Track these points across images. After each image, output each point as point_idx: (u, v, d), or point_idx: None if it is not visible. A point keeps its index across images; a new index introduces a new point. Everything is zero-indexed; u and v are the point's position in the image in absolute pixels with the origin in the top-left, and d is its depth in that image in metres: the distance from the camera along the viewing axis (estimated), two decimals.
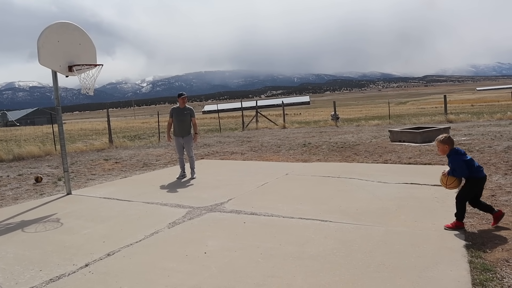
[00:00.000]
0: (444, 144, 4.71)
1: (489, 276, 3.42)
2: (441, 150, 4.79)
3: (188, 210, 6.07)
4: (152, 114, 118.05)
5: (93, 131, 32.35)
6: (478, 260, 3.73)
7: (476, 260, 3.73)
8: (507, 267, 3.57)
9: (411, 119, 23.67)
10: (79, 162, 12.42)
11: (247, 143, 15.81)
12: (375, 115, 36.79)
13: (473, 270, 3.55)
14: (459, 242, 4.23)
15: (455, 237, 4.38)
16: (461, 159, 4.62)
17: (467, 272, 3.52)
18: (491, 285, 3.28)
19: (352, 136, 15.89)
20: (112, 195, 7.45)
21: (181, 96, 8.85)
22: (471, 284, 3.30)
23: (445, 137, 4.73)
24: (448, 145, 4.70)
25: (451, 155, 4.71)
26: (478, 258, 3.78)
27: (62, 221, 5.85)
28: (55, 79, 7.48)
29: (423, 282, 3.39)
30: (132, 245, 4.70)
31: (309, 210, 5.70)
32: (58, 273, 3.98)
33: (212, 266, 3.97)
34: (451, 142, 4.73)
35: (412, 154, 10.43)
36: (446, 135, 4.78)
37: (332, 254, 4.10)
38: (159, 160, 12.09)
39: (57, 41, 7.19)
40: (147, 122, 55.54)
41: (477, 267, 3.58)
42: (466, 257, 3.82)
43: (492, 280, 3.35)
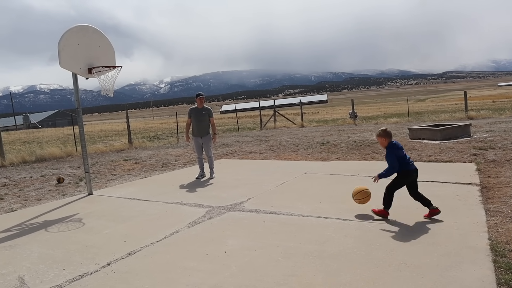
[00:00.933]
0: (381, 137, 5.06)
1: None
2: (380, 143, 5.14)
3: (207, 210, 6.11)
4: (170, 115, 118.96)
5: (113, 132, 32.77)
6: (502, 259, 3.65)
7: (500, 259, 3.65)
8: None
9: (430, 117, 23.34)
10: (100, 162, 12.60)
11: (265, 142, 15.81)
12: (394, 113, 36.39)
13: (498, 269, 3.48)
14: (482, 240, 4.15)
15: (478, 236, 4.30)
16: (394, 154, 4.95)
17: (491, 271, 3.45)
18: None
19: (370, 134, 15.74)
20: (132, 195, 7.54)
21: (199, 96, 8.89)
22: (496, 284, 3.24)
23: (381, 131, 5.07)
24: (384, 138, 5.03)
25: (388, 148, 5.03)
26: (502, 257, 3.71)
27: (84, 221, 5.95)
28: (75, 82, 7.61)
29: (446, 281, 3.34)
30: (153, 244, 4.75)
31: (329, 209, 5.67)
32: (81, 272, 4.05)
33: (233, 265, 3.98)
34: (387, 135, 5.04)
35: (432, 151, 10.28)
36: (384, 129, 5.10)
37: (352, 253, 4.07)
38: (178, 160, 12.18)
39: (77, 44, 7.30)
40: (166, 122, 56.02)
41: (501, 267, 3.51)
42: (490, 256, 3.75)
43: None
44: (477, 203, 5.49)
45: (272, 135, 18.78)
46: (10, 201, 7.78)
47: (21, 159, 13.51)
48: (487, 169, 7.69)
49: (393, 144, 5.05)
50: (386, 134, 5.05)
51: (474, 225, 4.63)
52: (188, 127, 9.12)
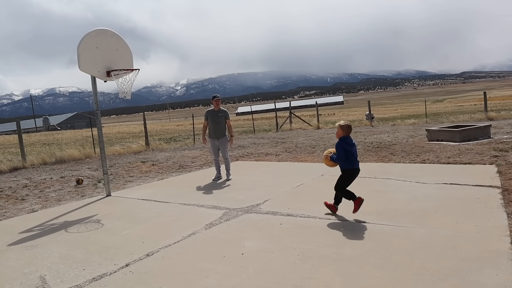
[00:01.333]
0: (341, 129, 5.36)
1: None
2: (337, 133, 5.46)
3: (224, 211, 6.13)
4: (186, 117, 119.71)
5: (130, 134, 33.11)
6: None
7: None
8: None
9: (449, 118, 23.02)
10: (117, 164, 12.74)
11: (281, 144, 15.79)
12: (411, 114, 35.99)
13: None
14: (504, 244, 4.07)
15: (500, 239, 4.22)
16: (343, 147, 5.27)
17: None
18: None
19: (387, 136, 15.60)
20: (149, 196, 7.61)
21: (215, 98, 8.92)
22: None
23: (344, 124, 5.37)
24: (342, 131, 5.35)
25: (339, 140, 5.37)
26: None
27: (103, 222, 6.02)
28: (94, 84, 7.71)
29: (467, 286, 3.29)
30: (171, 246, 4.78)
31: (346, 212, 5.62)
32: (100, 273, 4.10)
33: (250, 267, 3.98)
34: (346, 130, 5.34)
35: (451, 153, 10.13)
36: (347, 123, 5.39)
37: (370, 256, 4.04)
38: (195, 162, 12.25)
39: (96, 48, 7.41)
40: (182, 124, 56.39)
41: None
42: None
43: None
44: (498, 206, 5.39)
45: (288, 137, 18.75)
46: (31, 202, 7.92)
47: (41, 160, 13.74)
48: (508, 171, 7.55)
49: (345, 138, 5.35)
50: (345, 128, 5.35)
51: (495, 229, 4.55)
52: (205, 129, 9.14)
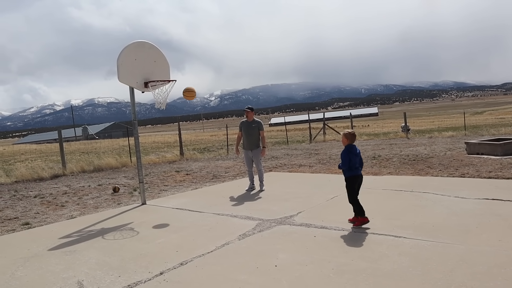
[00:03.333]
0: (345, 137, 5.62)
1: None
2: (342, 141, 5.73)
3: (258, 222, 6.11)
4: (220, 127, 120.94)
5: (165, 144, 33.69)
6: None
7: None
8: None
9: (489, 130, 22.28)
10: (152, 173, 12.97)
11: (315, 155, 15.68)
12: (449, 126, 35.05)
13: None
14: None
15: None
16: (348, 155, 5.50)
17: None
18: None
19: (424, 149, 15.23)
20: (184, 206, 7.69)
21: (247, 110, 8.97)
22: None
23: (348, 132, 5.62)
24: (347, 139, 5.60)
25: (345, 148, 5.61)
26: None
27: (138, 230, 6.13)
28: (132, 95, 7.91)
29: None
30: (204, 255, 4.80)
31: (382, 225, 5.51)
32: (135, 280, 4.16)
33: (283, 279, 3.94)
34: (350, 139, 5.59)
35: (493, 167, 9.78)
36: (351, 132, 5.65)
37: (407, 272, 3.92)
38: (228, 172, 12.32)
39: (134, 59, 7.61)
40: (216, 134, 56.93)
41: None
42: None
43: None
44: None
45: (322, 148, 18.60)
46: (70, 208, 8.16)
47: (80, 168, 14.17)
48: None
49: (351, 147, 5.58)
50: (350, 136, 5.60)
51: None
52: (239, 140, 9.17)
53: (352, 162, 5.53)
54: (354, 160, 5.55)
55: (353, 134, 5.66)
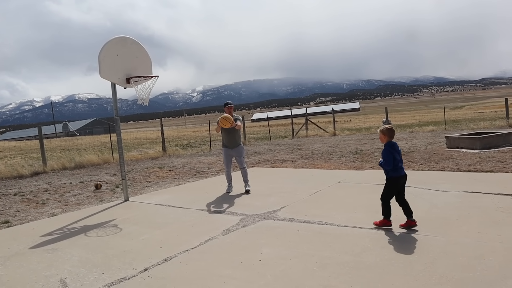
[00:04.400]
0: (383, 134, 5.15)
1: None
2: (380, 139, 5.24)
3: (241, 218, 6.13)
4: (202, 123, 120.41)
5: (147, 140, 33.41)
6: None
7: None
8: None
9: (468, 125, 22.66)
10: (135, 170, 12.87)
11: (297, 150, 15.75)
12: (429, 121, 35.56)
13: None
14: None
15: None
16: (391, 153, 5.03)
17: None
18: None
19: (405, 143, 15.44)
20: (167, 202, 7.66)
21: (227, 106, 8.30)
22: None
23: (385, 128, 5.16)
24: (385, 135, 5.13)
25: (386, 146, 5.14)
26: None
27: (121, 227, 6.08)
28: (114, 91, 7.82)
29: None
30: (188, 251, 4.80)
31: (364, 219, 5.58)
32: (119, 277, 4.14)
33: (268, 274, 3.97)
34: (389, 134, 5.13)
35: (472, 161, 9.97)
36: (388, 127, 5.17)
37: (390, 264, 3.99)
38: (211, 168, 12.30)
39: (116, 55, 7.53)
40: (198, 130, 56.69)
41: None
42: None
43: None
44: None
45: (304, 144, 18.70)
46: (51, 206, 8.05)
47: (61, 165, 13.96)
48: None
49: (392, 144, 5.15)
50: (389, 132, 5.15)
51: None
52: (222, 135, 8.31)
53: (396, 160, 5.05)
54: (398, 159, 5.09)
55: (391, 129, 5.17)
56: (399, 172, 5.12)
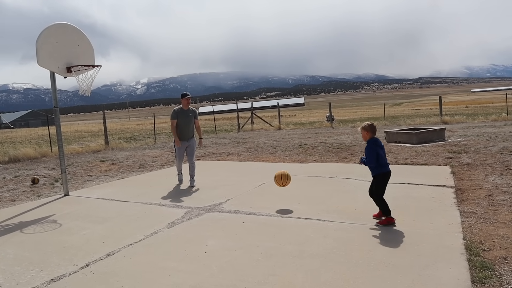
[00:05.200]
0: (365, 130, 5.04)
1: (487, 273, 3.46)
2: (363, 136, 5.14)
3: (186, 210, 6.09)
4: (147, 116, 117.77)
5: (89, 133, 32.25)
6: (476, 258, 3.77)
7: (474, 258, 3.77)
8: (505, 265, 3.62)
9: (406, 120, 23.77)
10: (76, 163, 12.39)
11: (243, 144, 15.83)
12: (370, 117, 36.92)
13: (472, 268, 3.59)
14: (457, 240, 4.27)
15: (454, 236, 4.42)
16: (375, 150, 4.94)
17: (466, 270, 3.56)
18: (490, 282, 3.33)
19: (347, 137, 15.95)
20: (110, 196, 7.45)
21: (185, 97, 8.13)
22: (470, 282, 3.34)
23: (367, 124, 5.05)
24: (368, 132, 5.02)
25: (369, 142, 5.04)
26: (476, 256, 3.83)
27: (61, 222, 5.85)
28: (53, 80, 7.47)
29: (423, 280, 3.42)
30: (132, 245, 4.71)
31: (308, 210, 5.73)
32: (59, 273, 3.98)
33: (213, 265, 3.98)
34: (372, 130, 5.04)
35: (408, 154, 10.49)
36: (369, 123, 5.07)
37: (332, 253, 4.13)
38: (156, 161, 12.09)
39: (56, 42, 7.19)
40: (142, 123, 55.43)
41: (475, 265, 3.63)
42: (465, 255, 3.87)
43: (491, 278, 3.39)
44: (452, 205, 5.64)
45: (250, 137, 18.82)
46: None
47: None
48: (461, 172, 7.90)
49: (375, 140, 5.05)
50: (371, 128, 5.04)
51: (449, 226, 4.76)
52: (176, 130, 8.08)
53: (380, 157, 4.99)
54: (382, 155, 5.02)
55: (372, 125, 5.08)
56: (385, 168, 5.05)
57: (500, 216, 5.02)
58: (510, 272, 3.47)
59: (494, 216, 5.02)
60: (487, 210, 5.30)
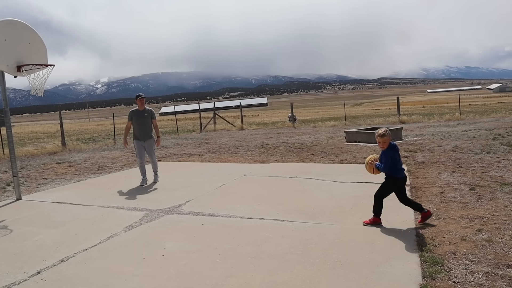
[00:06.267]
0: (388, 137, 4.81)
1: (437, 268, 3.59)
2: (382, 144, 4.85)
3: (145, 213, 5.98)
4: (107, 116, 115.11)
5: (45, 134, 31.16)
6: (427, 254, 3.90)
7: (426, 254, 3.90)
8: (453, 259, 3.76)
9: (366, 120, 24.33)
10: (30, 166, 11.95)
11: (205, 145, 15.74)
12: (332, 116, 37.55)
13: (423, 263, 3.71)
14: (411, 237, 4.40)
15: (407, 233, 4.56)
16: (393, 155, 4.79)
17: (417, 265, 3.67)
18: (439, 276, 3.45)
19: (309, 137, 16.15)
20: (65, 199, 7.22)
21: (138, 98, 8.38)
22: (421, 277, 3.45)
23: (386, 131, 4.82)
24: (389, 138, 4.83)
25: (390, 148, 4.84)
26: (427, 252, 3.96)
27: (12, 228, 5.62)
28: (2, 80, 7.16)
29: (377, 277, 3.51)
30: (87, 250, 4.58)
31: (267, 210, 5.75)
32: (7, 282, 3.82)
33: (170, 268, 3.93)
34: (390, 136, 4.86)
35: (367, 154, 10.72)
36: (387, 129, 4.87)
37: (289, 252, 4.16)
38: (115, 163, 11.82)
39: (4, 40, 6.90)
40: (102, 124, 54.14)
41: (426, 261, 3.75)
42: (417, 251, 3.99)
43: (440, 272, 3.51)
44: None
45: (212, 138, 18.74)
46: None
47: None
48: (416, 170, 8.15)
49: (394, 145, 4.90)
50: (390, 135, 4.87)
51: (403, 223, 4.90)
52: (128, 131, 8.51)
53: (395, 161, 4.82)
54: (397, 159, 4.86)
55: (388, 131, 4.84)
56: (401, 173, 4.88)
57: (450, 212, 5.21)
58: (458, 267, 3.61)
59: (445, 212, 5.21)
60: (439, 207, 5.49)
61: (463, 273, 3.49)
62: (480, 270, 3.51)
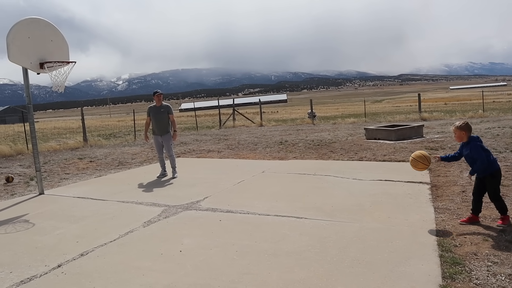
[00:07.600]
0: (462, 130, 4.54)
1: (458, 269, 3.51)
2: (458, 137, 4.61)
3: (163, 209, 6.03)
4: (128, 112, 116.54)
5: (67, 130, 31.73)
6: (448, 254, 3.82)
7: (446, 254, 3.82)
8: (475, 260, 3.67)
9: (386, 117, 24.03)
10: (52, 161, 12.18)
11: (224, 141, 15.78)
12: (351, 113, 37.21)
13: (443, 264, 3.64)
14: (430, 237, 4.32)
15: (427, 232, 4.47)
16: (481, 147, 4.48)
17: (437, 266, 3.60)
18: (460, 277, 3.37)
19: (328, 134, 16.03)
20: (86, 194, 7.33)
21: (156, 94, 8.69)
22: (441, 278, 3.39)
23: (463, 124, 4.54)
24: (465, 131, 4.53)
25: (472, 141, 4.53)
26: (448, 252, 3.88)
27: (34, 222, 5.73)
28: (26, 76, 7.30)
29: (395, 276, 3.45)
30: (106, 244, 4.64)
31: (285, 207, 5.73)
32: (30, 275, 3.90)
33: (188, 264, 3.95)
34: (469, 129, 4.56)
35: (387, 151, 10.59)
36: (465, 122, 4.58)
37: (307, 250, 4.14)
38: (135, 159, 11.96)
39: (28, 37, 7.02)
40: (123, 120, 54.79)
41: (447, 261, 3.67)
42: (437, 251, 3.92)
43: (461, 273, 3.44)
44: (427, 201, 5.71)
45: (231, 134, 18.77)
46: None
47: None
48: (437, 168, 8.00)
49: (477, 137, 4.56)
50: (468, 127, 4.55)
51: (423, 222, 4.81)
52: (148, 126, 8.92)
53: (487, 152, 4.53)
54: (488, 151, 4.56)
55: (468, 123, 4.58)
56: (496, 164, 4.56)
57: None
58: (480, 268, 3.53)
59: (467, 212, 5.09)
60: (460, 206, 5.38)
61: (485, 274, 3.41)
62: (503, 272, 3.43)
